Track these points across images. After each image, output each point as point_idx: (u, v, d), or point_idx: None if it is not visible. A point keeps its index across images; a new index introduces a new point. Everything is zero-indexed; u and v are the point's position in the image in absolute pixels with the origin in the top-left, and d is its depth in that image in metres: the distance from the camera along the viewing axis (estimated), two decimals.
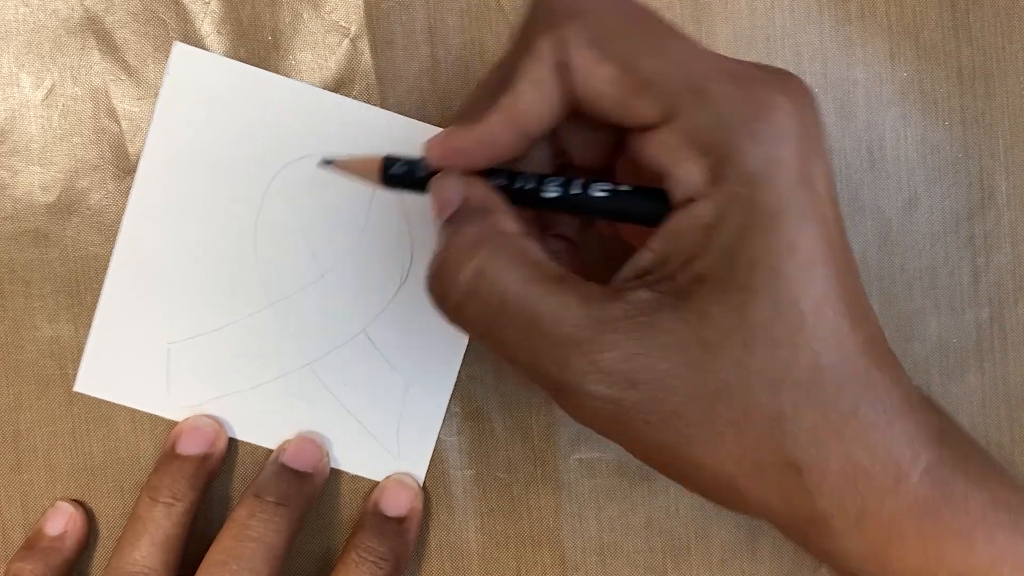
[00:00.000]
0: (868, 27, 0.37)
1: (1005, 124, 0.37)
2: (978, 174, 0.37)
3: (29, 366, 0.37)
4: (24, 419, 0.37)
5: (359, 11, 0.37)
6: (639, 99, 0.25)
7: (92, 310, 0.37)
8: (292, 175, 0.37)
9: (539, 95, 0.26)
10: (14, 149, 0.37)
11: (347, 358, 0.37)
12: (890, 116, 0.37)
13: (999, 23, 0.37)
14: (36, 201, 0.37)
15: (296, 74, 0.37)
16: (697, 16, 0.37)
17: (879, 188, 0.37)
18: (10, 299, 0.37)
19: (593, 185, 0.27)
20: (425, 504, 0.38)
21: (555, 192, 0.27)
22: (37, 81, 0.37)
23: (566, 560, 0.38)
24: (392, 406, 0.37)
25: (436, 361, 0.37)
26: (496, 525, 0.38)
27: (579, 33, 0.25)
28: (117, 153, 0.37)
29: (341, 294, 0.37)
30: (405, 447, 0.38)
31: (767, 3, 0.37)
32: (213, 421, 0.37)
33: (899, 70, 0.37)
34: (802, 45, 0.37)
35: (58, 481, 0.38)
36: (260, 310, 0.37)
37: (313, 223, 0.37)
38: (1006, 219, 0.37)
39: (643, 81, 0.25)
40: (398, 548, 0.36)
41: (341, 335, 0.37)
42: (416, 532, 0.37)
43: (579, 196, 0.27)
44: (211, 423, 0.36)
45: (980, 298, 0.38)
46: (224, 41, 0.37)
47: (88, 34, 0.37)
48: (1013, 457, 0.38)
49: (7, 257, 0.37)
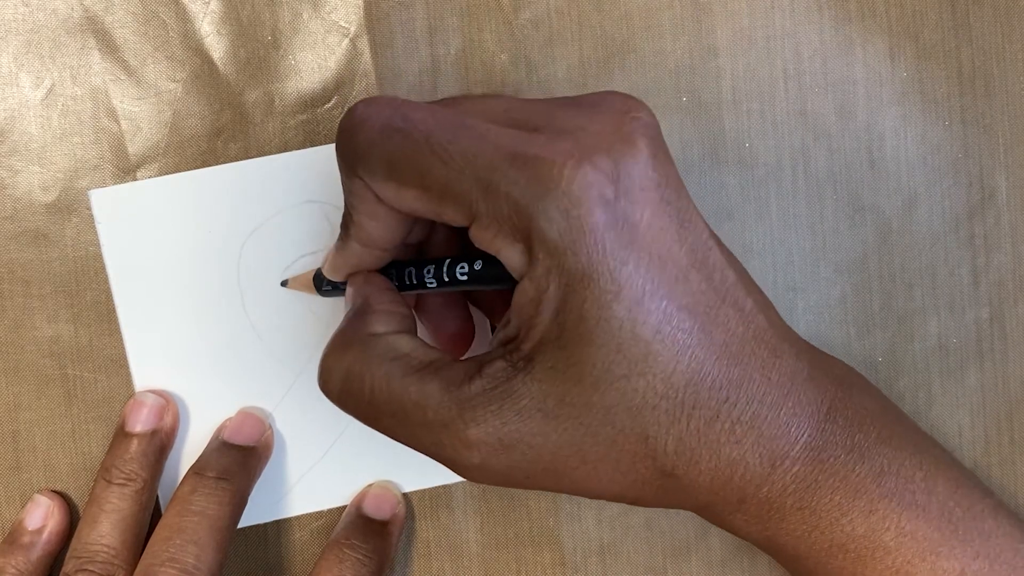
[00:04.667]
0: (868, 27, 0.37)
1: (1005, 124, 0.37)
2: (978, 174, 0.37)
3: (29, 366, 0.37)
4: (23, 419, 0.37)
5: (359, 11, 0.37)
6: (445, 209, 0.28)
7: (92, 310, 0.37)
8: (256, 246, 0.37)
9: (375, 223, 0.30)
10: (14, 149, 0.37)
11: None
12: (890, 116, 0.37)
13: (999, 23, 0.37)
14: (36, 201, 0.37)
15: (296, 74, 0.37)
16: (697, 16, 0.37)
17: (879, 188, 0.37)
18: (10, 299, 0.37)
19: (456, 269, 0.30)
20: (425, 504, 0.38)
21: (432, 282, 0.31)
22: (37, 81, 0.37)
23: (566, 560, 0.38)
24: None
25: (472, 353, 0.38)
26: (496, 525, 0.38)
27: (373, 171, 0.28)
28: (117, 153, 0.37)
29: None
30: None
31: (767, 3, 0.37)
32: (158, 396, 0.37)
33: (899, 70, 0.37)
34: (802, 45, 0.37)
35: (58, 481, 0.37)
36: (289, 388, 0.37)
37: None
38: (1006, 219, 0.37)
39: (439, 194, 0.27)
40: (381, 549, 0.36)
41: None
42: (397, 538, 0.37)
43: (452, 281, 0.30)
44: (156, 398, 0.36)
45: (980, 298, 0.38)
46: (224, 41, 0.37)
47: (88, 34, 0.37)
48: (1013, 457, 0.38)
49: (7, 257, 0.37)
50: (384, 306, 0.31)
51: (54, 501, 0.37)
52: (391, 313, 0.31)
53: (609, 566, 0.38)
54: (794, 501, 0.29)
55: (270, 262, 0.37)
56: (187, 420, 0.37)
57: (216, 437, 0.37)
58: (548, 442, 0.28)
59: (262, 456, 0.37)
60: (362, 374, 0.29)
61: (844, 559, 0.30)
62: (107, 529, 0.35)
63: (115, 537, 0.35)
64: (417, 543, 0.38)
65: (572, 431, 0.28)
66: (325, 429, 0.38)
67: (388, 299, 0.31)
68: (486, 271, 0.30)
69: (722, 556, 0.38)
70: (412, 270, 0.32)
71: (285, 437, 0.38)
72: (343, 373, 0.29)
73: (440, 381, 0.28)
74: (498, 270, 0.29)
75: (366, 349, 0.29)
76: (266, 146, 0.37)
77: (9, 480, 0.37)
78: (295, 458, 0.38)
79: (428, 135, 0.28)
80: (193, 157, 0.37)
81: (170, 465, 0.37)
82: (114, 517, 0.35)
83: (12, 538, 0.36)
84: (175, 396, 0.37)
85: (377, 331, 0.30)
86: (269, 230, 0.37)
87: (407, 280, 0.32)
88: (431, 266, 0.31)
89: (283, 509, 0.38)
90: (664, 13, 0.37)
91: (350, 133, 0.29)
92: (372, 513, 0.37)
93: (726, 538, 0.38)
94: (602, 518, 0.38)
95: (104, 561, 0.34)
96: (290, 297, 0.37)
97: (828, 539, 0.30)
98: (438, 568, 0.38)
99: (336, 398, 0.30)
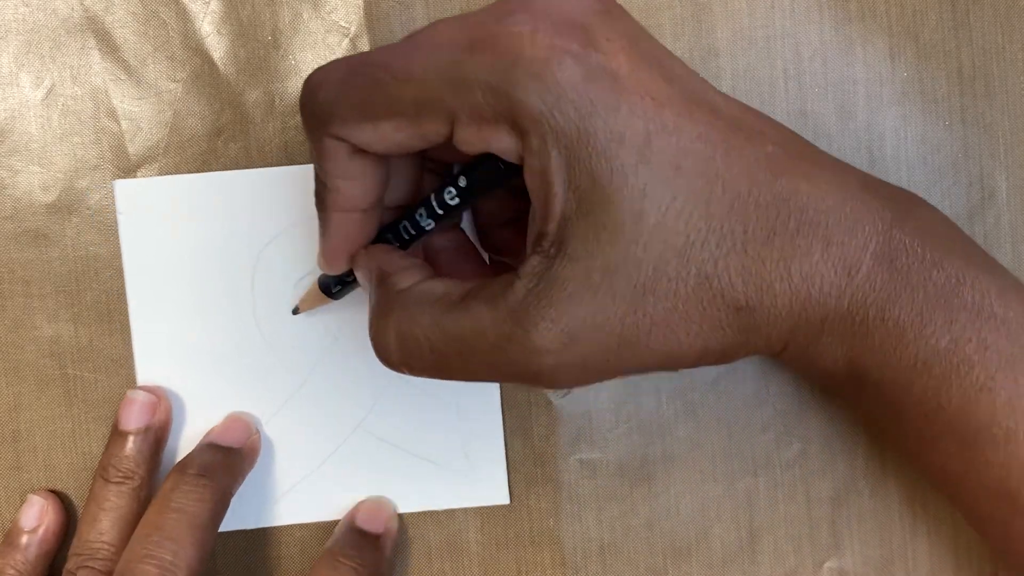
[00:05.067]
0: (868, 27, 0.37)
1: (1005, 124, 0.37)
2: (978, 174, 0.37)
3: (29, 366, 0.37)
4: (24, 419, 0.37)
5: (359, 11, 0.37)
6: (424, 125, 0.27)
7: (92, 310, 0.37)
8: (274, 254, 0.37)
9: (351, 182, 0.29)
10: (14, 149, 0.37)
11: (390, 405, 0.37)
12: (890, 116, 0.37)
13: (999, 23, 0.37)
14: (36, 201, 0.37)
15: (296, 74, 0.37)
16: (697, 16, 0.37)
17: None
18: (10, 299, 0.37)
19: (444, 194, 0.30)
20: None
21: (430, 222, 0.31)
22: (37, 81, 0.37)
23: (566, 560, 0.38)
24: (451, 431, 0.37)
25: None
26: (496, 525, 0.38)
27: (347, 117, 0.28)
28: (117, 153, 0.37)
29: (357, 351, 0.37)
30: (478, 464, 0.38)
31: (767, 3, 0.37)
32: (150, 393, 0.37)
33: (899, 70, 0.37)
34: (802, 45, 0.37)
35: (58, 481, 0.37)
36: (291, 396, 0.37)
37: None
38: (1006, 219, 0.37)
39: (414, 114, 0.27)
40: (374, 560, 0.36)
41: (375, 387, 0.37)
42: (390, 552, 0.37)
43: (446, 210, 0.30)
44: (146, 395, 0.36)
45: None
46: (224, 41, 0.37)
47: (88, 34, 0.37)
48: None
49: (7, 257, 0.37)
50: (398, 265, 0.30)
51: (48, 500, 0.37)
52: (408, 268, 0.30)
53: (609, 566, 0.38)
54: (876, 312, 0.29)
55: (286, 271, 0.37)
56: (188, 420, 0.37)
57: (203, 440, 0.37)
58: (612, 316, 0.27)
59: (247, 458, 0.37)
60: (412, 330, 0.29)
61: (928, 377, 0.29)
62: (107, 527, 0.35)
63: (115, 534, 0.35)
64: (417, 543, 0.38)
65: (629, 296, 0.27)
66: (323, 441, 0.37)
67: (398, 257, 0.31)
68: (473, 182, 0.29)
69: (722, 556, 0.38)
70: (404, 223, 0.31)
71: (282, 445, 0.38)
72: (395, 338, 0.29)
73: (485, 302, 0.28)
74: (484, 176, 0.29)
75: (405, 306, 0.29)
76: (266, 146, 0.37)
77: (9, 480, 0.37)
78: (289, 467, 0.38)
79: (387, 65, 0.28)
80: (193, 157, 0.37)
81: (169, 464, 0.37)
82: (113, 515, 0.35)
83: (9, 539, 0.36)
84: (177, 394, 0.37)
85: (405, 286, 0.30)
86: (289, 239, 0.37)
87: (405, 234, 0.32)
88: (420, 208, 0.31)
89: (274, 517, 0.38)
90: (664, 13, 0.37)
91: (313, 94, 0.29)
92: (365, 526, 0.37)
93: (726, 538, 0.38)
94: (602, 518, 0.38)
95: (105, 558, 0.35)
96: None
97: (912, 355, 0.29)
98: (438, 568, 0.38)
99: (400, 364, 0.29)
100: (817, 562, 0.38)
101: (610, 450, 0.38)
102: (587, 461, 0.38)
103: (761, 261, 0.27)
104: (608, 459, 0.38)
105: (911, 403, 0.30)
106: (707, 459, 0.38)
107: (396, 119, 0.28)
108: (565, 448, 0.38)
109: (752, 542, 0.38)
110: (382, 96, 0.27)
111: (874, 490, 0.38)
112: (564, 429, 0.38)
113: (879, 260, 0.28)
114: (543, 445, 0.38)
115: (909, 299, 0.29)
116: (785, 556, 0.38)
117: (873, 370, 0.30)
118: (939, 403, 0.30)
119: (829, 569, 0.38)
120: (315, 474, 0.38)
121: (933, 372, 0.29)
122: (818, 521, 0.38)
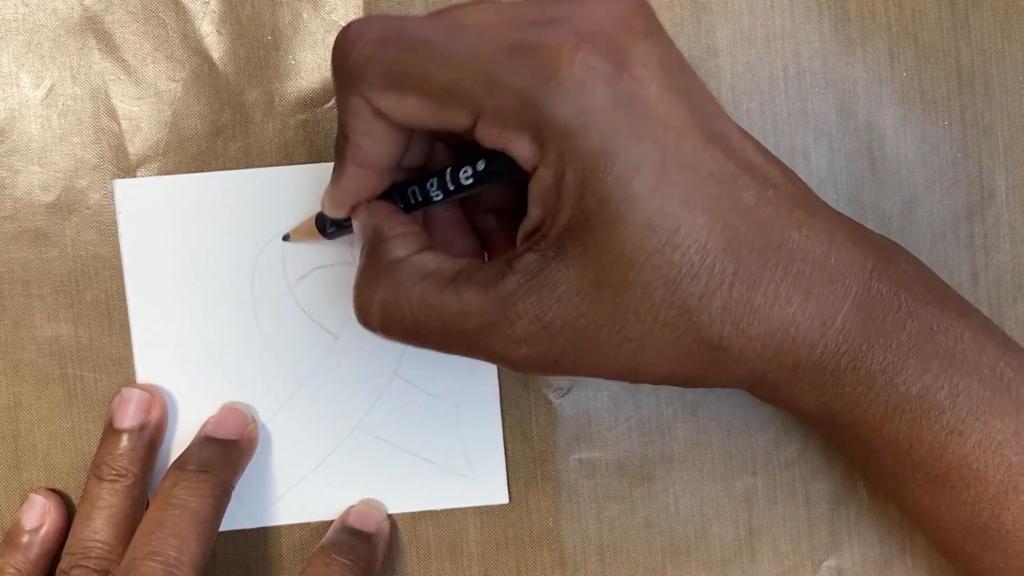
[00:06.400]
0: (868, 27, 0.37)
1: (1005, 124, 0.37)
2: (977, 174, 0.37)
3: (29, 366, 0.37)
4: (24, 418, 0.37)
5: (359, 11, 0.37)
6: (448, 112, 0.28)
7: (92, 309, 0.37)
8: (274, 254, 0.37)
9: (372, 140, 0.29)
10: (14, 149, 0.37)
11: (390, 406, 0.37)
12: (890, 116, 0.37)
13: (999, 23, 0.37)
14: (36, 201, 0.37)
15: (296, 74, 0.37)
16: (697, 16, 0.37)
17: (879, 188, 0.37)
18: (10, 299, 0.37)
19: (460, 173, 0.30)
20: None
21: (439, 194, 0.31)
22: (37, 80, 0.37)
23: (566, 560, 0.38)
24: (450, 432, 0.37)
25: (472, 372, 0.38)
26: (496, 525, 0.38)
27: (375, 83, 0.28)
28: (117, 153, 0.37)
29: (358, 351, 0.37)
30: (477, 464, 0.38)
31: (767, 3, 0.37)
32: (145, 391, 0.37)
33: (899, 70, 0.37)
34: (802, 45, 0.37)
35: (58, 480, 0.38)
36: (291, 396, 0.37)
37: (308, 293, 0.37)
38: (1005, 219, 0.38)
39: (441, 98, 0.28)
40: (367, 558, 0.36)
41: (375, 387, 0.37)
42: (383, 552, 0.37)
43: (457, 187, 0.30)
44: (142, 394, 0.36)
45: (980, 298, 0.38)
46: (224, 41, 0.37)
47: (88, 34, 0.37)
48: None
49: (7, 257, 0.37)
50: (397, 230, 0.31)
51: (50, 499, 0.37)
52: (406, 235, 0.31)
53: (609, 566, 0.38)
54: (848, 362, 0.29)
55: (286, 271, 0.37)
56: (188, 420, 0.37)
57: (199, 433, 0.37)
58: (590, 323, 0.28)
59: (245, 449, 0.37)
60: (398, 301, 0.29)
61: (899, 422, 0.30)
62: (101, 525, 0.35)
63: (109, 533, 0.35)
64: (417, 543, 0.38)
65: (612, 310, 0.27)
66: (322, 441, 0.38)
67: (398, 222, 0.31)
68: (490, 169, 0.30)
69: (721, 555, 0.38)
70: (415, 188, 0.32)
71: (281, 445, 0.38)
72: (379, 306, 0.30)
73: (475, 286, 0.28)
74: (501, 166, 0.29)
75: (394, 276, 0.29)
76: (266, 146, 0.37)
77: (9, 480, 0.37)
78: (288, 467, 0.38)
79: (425, 41, 0.28)
80: (193, 157, 0.37)
81: (167, 463, 0.37)
82: (107, 513, 0.35)
83: (10, 538, 0.36)
84: (176, 393, 0.37)
85: (399, 256, 0.30)
86: (283, 244, 0.37)
87: (412, 199, 0.32)
88: (434, 178, 0.31)
89: (273, 517, 0.38)
90: (664, 13, 0.37)
91: (346, 49, 0.29)
92: (357, 526, 0.37)
93: (726, 538, 0.38)
94: (601, 518, 0.38)
95: (99, 557, 0.35)
96: (301, 309, 0.37)
97: (883, 400, 0.30)
98: (437, 568, 0.38)
99: (379, 330, 0.30)
100: (816, 561, 0.38)
101: (609, 450, 0.38)
102: (586, 461, 0.38)
103: (743, 304, 0.28)
104: (607, 459, 0.38)
105: (882, 444, 0.31)
106: (706, 459, 0.38)
107: (422, 98, 0.28)
108: (564, 448, 0.38)
109: (751, 541, 0.38)
110: (414, 72, 0.28)
111: (873, 490, 0.38)
112: (563, 429, 0.38)
113: (856, 311, 0.29)
114: (542, 445, 0.38)
115: (882, 349, 0.29)
116: (784, 555, 0.38)
117: (844, 413, 0.30)
118: (911, 445, 0.30)
119: (828, 568, 0.38)
120: (315, 474, 0.38)
121: (904, 417, 0.30)
122: (817, 520, 0.38)
